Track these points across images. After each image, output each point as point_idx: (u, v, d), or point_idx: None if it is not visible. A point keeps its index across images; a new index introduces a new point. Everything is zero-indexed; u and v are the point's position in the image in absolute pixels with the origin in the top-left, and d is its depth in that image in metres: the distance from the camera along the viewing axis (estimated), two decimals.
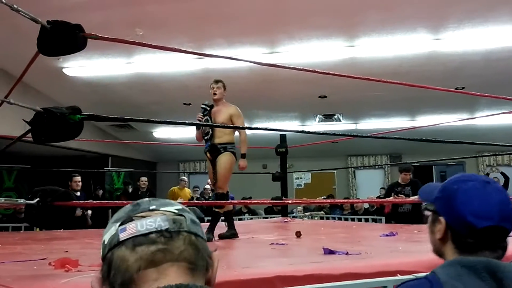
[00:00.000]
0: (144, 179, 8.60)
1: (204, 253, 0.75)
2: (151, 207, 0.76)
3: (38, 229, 5.83)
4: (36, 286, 1.70)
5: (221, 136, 4.33)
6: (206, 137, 4.37)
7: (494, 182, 1.17)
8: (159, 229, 0.72)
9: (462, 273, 1.03)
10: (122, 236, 0.72)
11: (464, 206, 1.10)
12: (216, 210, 4.40)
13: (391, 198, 5.84)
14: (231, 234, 4.24)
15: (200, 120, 4.27)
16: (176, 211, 0.76)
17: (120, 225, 0.73)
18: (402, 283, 1.14)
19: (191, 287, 0.66)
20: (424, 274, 1.14)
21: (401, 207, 5.97)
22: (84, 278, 1.83)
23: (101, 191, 10.17)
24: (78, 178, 6.76)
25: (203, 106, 4.38)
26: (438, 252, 1.19)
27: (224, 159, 4.26)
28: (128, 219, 0.74)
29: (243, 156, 4.40)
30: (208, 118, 4.35)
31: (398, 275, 1.85)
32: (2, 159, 8.71)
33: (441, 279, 1.03)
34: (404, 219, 5.74)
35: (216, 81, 4.50)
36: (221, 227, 4.38)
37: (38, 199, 1.99)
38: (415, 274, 1.83)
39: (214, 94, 4.42)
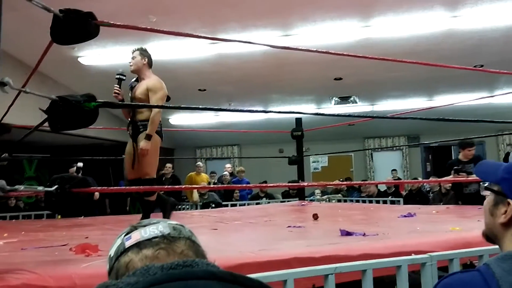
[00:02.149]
0: (169, 165, 8.76)
1: (204, 257, 0.79)
2: (152, 221, 0.81)
3: (59, 216, 5.94)
4: (57, 271, 1.74)
5: (142, 112, 3.73)
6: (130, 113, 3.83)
7: None
8: (161, 234, 0.77)
9: None
10: (128, 243, 0.77)
11: None
12: (147, 198, 3.79)
13: (451, 177, 5.35)
14: None
15: (117, 94, 3.74)
16: (175, 223, 0.82)
17: (125, 235, 0.79)
18: (450, 274, 1.06)
19: (197, 262, 0.67)
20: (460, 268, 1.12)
21: (467, 188, 5.45)
22: (104, 263, 1.87)
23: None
24: (80, 164, 6.93)
25: (118, 76, 3.81)
26: (493, 236, 1.10)
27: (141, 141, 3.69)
28: (132, 229, 0.80)
29: (147, 136, 3.68)
30: (130, 92, 3.88)
31: (413, 254, 1.84)
32: (22, 149, 8.88)
33: (495, 273, 0.94)
34: (471, 201, 5.22)
35: (132, 51, 3.94)
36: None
37: (56, 186, 2.02)
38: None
39: (130, 66, 3.89)
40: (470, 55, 7.09)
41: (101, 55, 7.15)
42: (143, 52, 3.93)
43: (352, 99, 9.77)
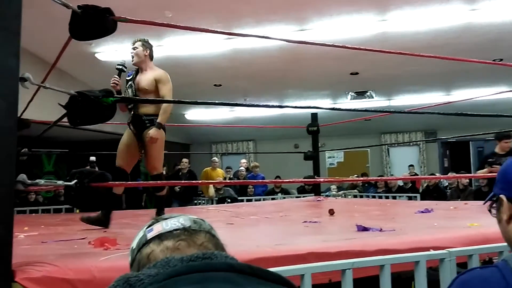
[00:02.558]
0: (185, 160, 8.82)
1: (223, 250, 0.80)
2: (173, 215, 0.83)
3: (78, 211, 6.03)
4: (77, 264, 1.77)
5: (147, 106, 3.63)
6: (130, 106, 3.66)
7: None
8: (182, 226, 0.78)
9: None
10: (150, 235, 0.79)
11: None
12: (158, 194, 3.88)
13: (485, 170, 5.17)
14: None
15: (116, 84, 3.52)
16: (195, 217, 0.83)
17: (147, 228, 0.81)
18: (468, 270, 1.05)
19: (216, 255, 0.67)
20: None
21: None
22: (122, 256, 1.89)
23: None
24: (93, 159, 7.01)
25: (119, 66, 3.63)
26: (507, 234, 1.08)
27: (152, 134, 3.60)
28: (154, 222, 0.82)
29: (158, 125, 3.63)
30: (132, 84, 3.67)
31: (431, 250, 1.82)
32: (41, 144, 9.01)
33: None
34: None
35: (133, 42, 3.78)
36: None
37: (76, 180, 2.05)
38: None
39: (132, 58, 3.73)
40: (489, 49, 6.97)
41: (118, 51, 7.20)
42: (145, 43, 3.81)
43: (368, 94, 9.69)
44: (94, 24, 2.17)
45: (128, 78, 3.71)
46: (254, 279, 0.61)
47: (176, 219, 0.80)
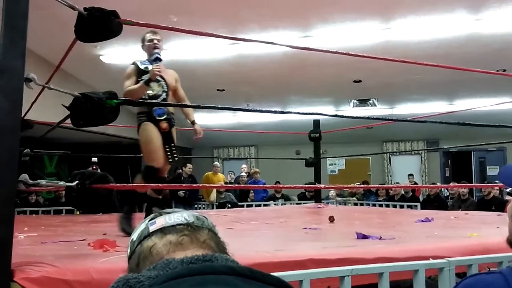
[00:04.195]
0: (190, 165, 8.90)
1: (224, 249, 0.80)
2: (176, 210, 0.83)
3: (78, 212, 6.03)
4: (76, 265, 1.77)
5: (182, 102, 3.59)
6: (154, 100, 3.42)
7: None
8: (186, 221, 0.78)
9: None
10: (152, 228, 0.78)
11: None
12: (155, 196, 3.53)
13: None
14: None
15: (159, 71, 3.36)
16: (199, 214, 0.83)
17: (149, 221, 0.80)
18: (472, 275, 1.04)
19: (216, 257, 0.67)
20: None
21: None
22: (121, 258, 1.89)
23: None
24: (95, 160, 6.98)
25: (159, 55, 3.49)
26: None
27: (175, 135, 3.56)
28: (157, 215, 0.81)
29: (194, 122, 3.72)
30: (162, 80, 3.50)
31: (430, 259, 1.82)
32: (43, 146, 9.03)
33: None
34: None
35: (154, 33, 3.59)
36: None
37: (77, 181, 2.06)
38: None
39: (156, 48, 3.51)
40: (492, 59, 6.98)
41: (123, 54, 7.23)
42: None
43: (371, 101, 9.70)
44: (100, 26, 2.18)
45: (143, 68, 3.51)
46: (254, 282, 0.61)
47: (180, 214, 0.79)
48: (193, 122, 3.74)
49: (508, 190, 1.10)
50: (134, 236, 0.80)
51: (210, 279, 0.59)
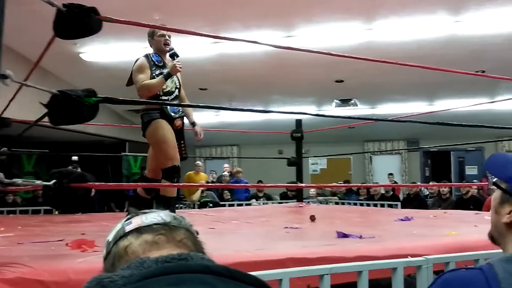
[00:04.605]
0: None
1: (201, 248, 0.79)
2: (153, 210, 0.81)
3: (57, 212, 5.94)
4: (53, 265, 1.74)
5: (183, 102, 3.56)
6: (167, 96, 3.40)
7: None
8: (162, 221, 0.77)
9: None
10: (128, 228, 0.77)
11: None
12: (145, 195, 3.55)
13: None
14: None
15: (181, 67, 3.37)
16: (175, 214, 0.82)
17: (125, 221, 0.79)
18: (451, 270, 1.02)
19: (192, 256, 0.66)
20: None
21: None
22: (100, 258, 1.87)
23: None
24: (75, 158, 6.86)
25: (174, 51, 3.44)
26: (497, 235, 1.06)
27: None
28: (133, 215, 0.80)
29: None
30: (175, 78, 3.52)
31: (409, 257, 1.84)
32: (21, 144, 8.88)
33: (498, 274, 0.90)
34: None
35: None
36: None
37: (54, 180, 2.02)
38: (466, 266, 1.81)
39: (167, 44, 3.50)
40: (472, 60, 7.09)
41: (103, 52, 7.15)
42: None
43: (352, 101, 9.77)
44: (79, 23, 2.15)
45: (157, 63, 3.46)
46: (230, 281, 0.60)
47: (156, 214, 0.78)
48: (193, 123, 3.66)
49: (494, 180, 1.08)
50: (110, 236, 0.79)
51: (185, 278, 0.58)
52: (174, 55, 3.40)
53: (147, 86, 3.27)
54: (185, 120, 3.70)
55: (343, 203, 7.90)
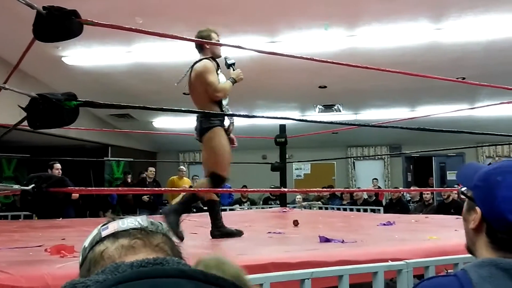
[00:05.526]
0: (152, 169, 8.73)
1: (179, 253, 0.78)
2: (130, 216, 0.80)
3: (36, 217, 5.84)
4: (30, 271, 1.71)
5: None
6: (227, 106, 3.44)
7: None
8: (139, 226, 0.76)
9: (496, 275, 0.93)
10: (104, 233, 0.75)
11: (506, 203, 0.98)
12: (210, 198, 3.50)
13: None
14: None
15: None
16: (152, 219, 0.81)
17: (102, 226, 0.78)
18: (428, 278, 1.05)
19: (168, 260, 0.66)
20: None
21: None
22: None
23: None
24: (59, 166, 6.71)
25: (233, 61, 3.54)
26: (470, 243, 1.08)
27: None
28: (110, 220, 0.78)
29: None
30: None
31: (389, 261, 1.85)
32: (1, 149, 8.73)
33: (472, 280, 0.93)
34: None
35: (214, 31, 3.62)
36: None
37: (33, 185, 1.99)
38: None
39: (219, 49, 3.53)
40: (452, 67, 7.20)
41: (86, 56, 7.09)
42: None
43: (336, 107, 9.84)
44: (59, 26, 2.12)
45: (216, 68, 3.46)
46: (207, 286, 0.60)
47: (133, 219, 0.78)
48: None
49: (463, 189, 1.12)
50: (86, 242, 0.78)
51: (160, 282, 0.58)
52: (232, 65, 3.53)
53: (224, 89, 3.31)
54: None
55: (326, 208, 7.93)
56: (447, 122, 9.53)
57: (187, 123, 11.13)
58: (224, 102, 3.42)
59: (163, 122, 11.19)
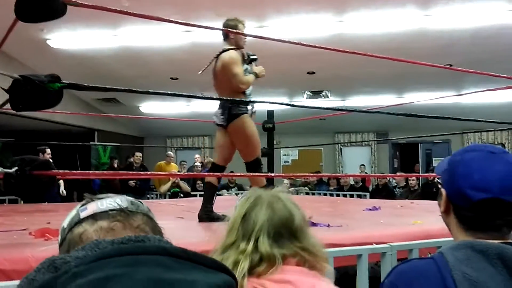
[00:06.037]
0: (139, 154, 8.66)
1: (161, 233, 0.77)
2: (110, 195, 0.79)
3: (22, 202, 5.80)
4: (14, 254, 1.70)
5: None
6: (250, 95, 3.62)
7: (503, 152, 1.07)
8: (118, 207, 0.75)
9: (472, 257, 0.95)
10: (83, 214, 0.74)
11: (464, 178, 1.02)
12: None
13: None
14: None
15: None
16: (132, 199, 0.80)
17: (81, 207, 0.76)
18: (406, 261, 1.08)
19: (149, 238, 0.65)
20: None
21: None
22: None
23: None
24: (49, 151, 6.68)
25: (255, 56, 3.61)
26: (447, 227, 1.13)
27: None
28: (89, 201, 0.77)
29: None
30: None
31: (374, 244, 1.87)
32: None
33: (449, 262, 0.95)
34: None
35: (242, 22, 3.72)
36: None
37: (16, 168, 1.96)
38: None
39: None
40: (440, 54, 7.23)
41: (71, 39, 6.97)
42: None
43: (324, 93, 9.85)
44: (42, 5, 2.09)
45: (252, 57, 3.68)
46: (188, 263, 0.59)
47: (113, 199, 0.76)
48: None
49: (438, 178, 1.18)
50: (65, 223, 0.77)
51: (141, 259, 0.57)
52: (254, 60, 3.68)
53: (248, 82, 3.49)
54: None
55: (313, 194, 7.98)
56: (433, 109, 9.60)
57: (175, 108, 11.11)
58: (247, 92, 3.58)
59: (150, 107, 11.11)
